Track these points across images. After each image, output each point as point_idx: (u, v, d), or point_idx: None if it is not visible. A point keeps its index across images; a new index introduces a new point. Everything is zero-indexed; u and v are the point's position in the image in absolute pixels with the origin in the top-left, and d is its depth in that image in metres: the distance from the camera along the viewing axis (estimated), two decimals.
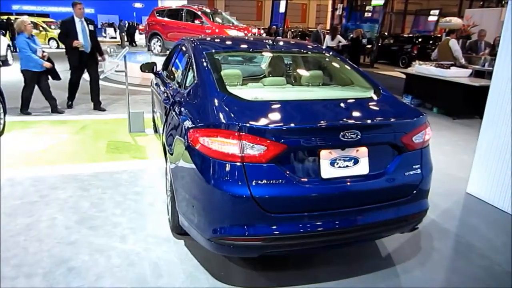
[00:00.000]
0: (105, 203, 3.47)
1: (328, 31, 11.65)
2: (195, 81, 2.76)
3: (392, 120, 2.39)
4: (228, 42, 3.77)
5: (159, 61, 5.27)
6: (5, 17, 19.71)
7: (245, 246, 2.16)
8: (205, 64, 2.83)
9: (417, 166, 2.42)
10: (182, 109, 2.69)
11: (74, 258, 2.66)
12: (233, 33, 9.93)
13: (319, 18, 45.23)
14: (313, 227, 2.18)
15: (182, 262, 2.67)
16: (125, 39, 23.25)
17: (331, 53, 3.47)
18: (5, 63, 12.27)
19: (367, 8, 24.96)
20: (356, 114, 2.40)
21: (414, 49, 17.51)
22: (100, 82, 7.00)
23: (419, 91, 8.43)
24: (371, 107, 2.57)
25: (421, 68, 8.25)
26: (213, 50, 3.13)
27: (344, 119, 2.26)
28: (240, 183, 2.07)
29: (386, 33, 23.88)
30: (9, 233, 2.93)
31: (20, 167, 4.19)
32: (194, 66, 2.91)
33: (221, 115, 2.21)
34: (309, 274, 2.61)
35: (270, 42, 3.43)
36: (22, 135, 5.33)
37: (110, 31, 29.39)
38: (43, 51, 6.16)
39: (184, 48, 3.62)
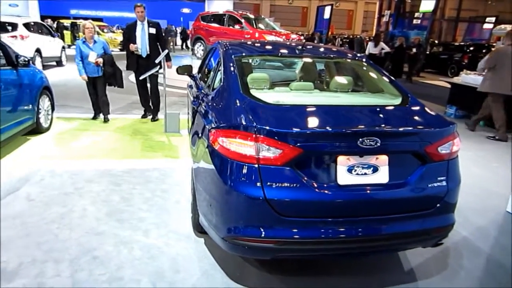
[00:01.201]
0: (134, 198, 3.61)
1: (371, 38, 11.42)
2: (221, 84, 2.82)
3: (415, 128, 2.31)
4: (259, 47, 3.82)
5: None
6: (63, 20, 21.06)
7: (257, 247, 2.17)
8: (232, 67, 2.88)
9: (442, 178, 2.32)
10: (207, 110, 2.75)
11: (99, 248, 2.79)
12: (271, 38, 9.98)
13: (366, 24, 44.44)
14: (327, 234, 2.15)
15: (200, 259, 2.72)
16: (171, 43, 24.04)
17: (363, 59, 3.41)
18: (59, 63, 13.09)
19: (416, 14, 24.17)
20: (377, 121, 2.35)
21: (464, 58, 16.69)
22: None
23: (465, 103, 8.05)
24: (395, 114, 2.50)
25: (467, 78, 7.88)
26: (242, 54, 3.18)
27: (363, 126, 2.21)
28: (254, 185, 2.09)
29: (435, 41, 22.96)
30: (44, 220, 3.13)
31: (61, 160, 4.46)
32: (222, 69, 2.97)
33: (240, 117, 2.24)
34: (325, 281, 2.58)
35: (300, 47, 3.42)
36: (67, 131, 5.66)
37: None
38: (98, 57, 5.83)
39: (216, 52, 3.70)
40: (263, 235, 2.13)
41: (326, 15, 27.03)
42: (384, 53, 11.09)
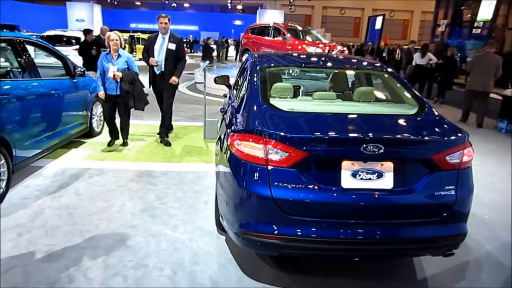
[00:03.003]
0: (167, 197, 3.92)
1: (419, 48, 11.14)
2: (245, 92, 3.05)
3: (421, 137, 2.38)
4: (287, 58, 4.01)
5: None
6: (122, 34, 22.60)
7: (265, 243, 2.35)
8: (255, 77, 3.10)
9: (451, 187, 2.36)
10: (230, 117, 2.99)
11: (131, 238, 3.10)
12: (311, 50, 10.13)
13: (422, 35, 42.92)
14: (331, 234, 2.28)
15: (218, 254, 2.94)
16: (221, 54, 24.88)
17: (387, 70, 3.48)
18: None
19: (476, 24, 23.06)
20: (382, 129, 2.45)
21: None
22: (189, 92, 7.39)
23: None
24: (405, 123, 2.58)
25: None
26: (266, 65, 3.39)
27: (367, 133, 2.32)
28: (263, 184, 2.28)
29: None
30: (88, 212, 3.51)
31: (108, 161, 4.91)
32: (248, 79, 3.20)
33: (254, 122, 2.45)
34: (334, 283, 2.69)
35: (324, 59, 3.56)
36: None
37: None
38: (117, 72, 5.04)
39: (247, 63, 3.95)
40: (270, 232, 2.31)
41: (378, 25, 26.60)
42: (433, 64, 10.77)
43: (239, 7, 36.83)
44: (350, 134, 2.30)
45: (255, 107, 2.68)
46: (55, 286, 2.50)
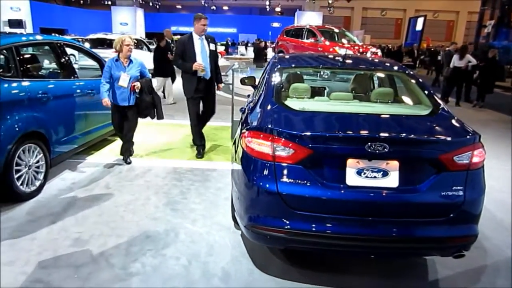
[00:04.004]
0: (190, 192, 4.10)
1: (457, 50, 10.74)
2: (261, 92, 3.16)
3: (426, 137, 2.39)
4: (309, 60, 4.08)
5: None
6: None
7: (272, 236, 2.44)
8: (273, 77, 3.21)
9: (459, 188, 2.35)
10: (245, 116, 3.11)
11: (152, 230, 3.30)
12: (342, 51, 10.05)
13: (468, 36, 41.17)
14: (335, 229, 2.34)
15: (233, 247, 3.07)
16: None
17: (405, 71, 3.47)
18: (153, 75, 14.63)
19: None
20: (388, 128, 2.47)
21: None
22: (221, 93, 7.46)
23: None
24: (412, 123, 2.59)
25: None
26: (286, 66, 3.49)
27: (372, 131, 2.36)
28: (270, 179, 2.39)
29: None
30: (114, 204, 3.76)
31: (138, 157, 5.17)
32: (266, 79, 3.32)
33: (264, 120, 2.56)
34: (342, 279, 2.74)
35: (343, 60, 3.60)
36: (146, 133, 6.43)
37: (241, 49, 32.15)
38: (134, 80, 4.54)
39: (269, 64, 4.06)
40: (276, 225, 2.40)
41: (419, 26, 25.83)
42: (471, 66, 10.38)
43: (278, 9, 36.97)
44: (354, 133, 2.36)
45: (268, 106, 2.78)
46: (80, 268, 2.72)
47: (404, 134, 2.40)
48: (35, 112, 3.83)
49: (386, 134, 2.33)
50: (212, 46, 5.15)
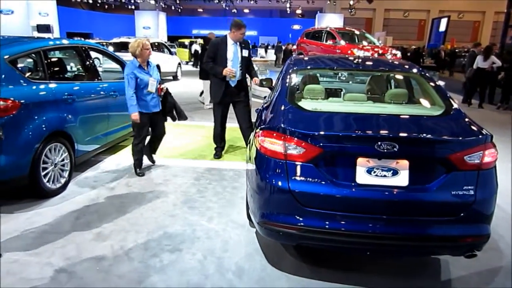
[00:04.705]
0: (207, 191, 4.21)
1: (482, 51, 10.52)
2: (276, 93, 3.24)
3: (435, 136, 2.41)
4: (323, 61, 4.13)
5: None
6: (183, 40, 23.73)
7: (284, 233, 2.51)
8: (287, 79, 3.28)
9: (470, 187, 2.37)
10: (260, 116, 3.20)
11: (170, 226, 3.42)
12: (359, 53, 10.03)
13: (495, 36, 40.06)
14: (345, 227, 2.39)
15: (247, 244, 3.16)
16: (279, 59, 25.18)
17: (420, 72, 3.48)
18: (175, 78, 14.96)
19: None
20: (398, 128, 2.51)
21: None
22: None
23: None
24: (423, 123, 2.61)
25: None
26: (300, 67, 3.55)
27: (381, 131, 2.40)
28: (282, 177, 2.46)
29: None
30: (135, 201, 3.90)
31: (158, 157, 5.31)
32: (280, 80, 3.39)
33: (277, 120, 2.64)
34: (354, 277, 2.78)
35: (357, 61, 3.64)
36: (169, 134, 6.56)
37: (261, 51, 32.31)
38: (161, 83, 4.52)
39: (285, 65, 4.14)
40: (288, 222, 2.47)
41: (442, 27, 25.34)
42: (496, 68, 10.15)
43: (298, 11, 36.96)
44: (363, 132, 2.40)
45: (281, 107, 2.86)
46: (102, 261, 2.86)
47: (413, 134, 2.44)
48: (61, 113, 4.03)
49: (395, 133, 2.37)
50: (245, 52, 5.04)
